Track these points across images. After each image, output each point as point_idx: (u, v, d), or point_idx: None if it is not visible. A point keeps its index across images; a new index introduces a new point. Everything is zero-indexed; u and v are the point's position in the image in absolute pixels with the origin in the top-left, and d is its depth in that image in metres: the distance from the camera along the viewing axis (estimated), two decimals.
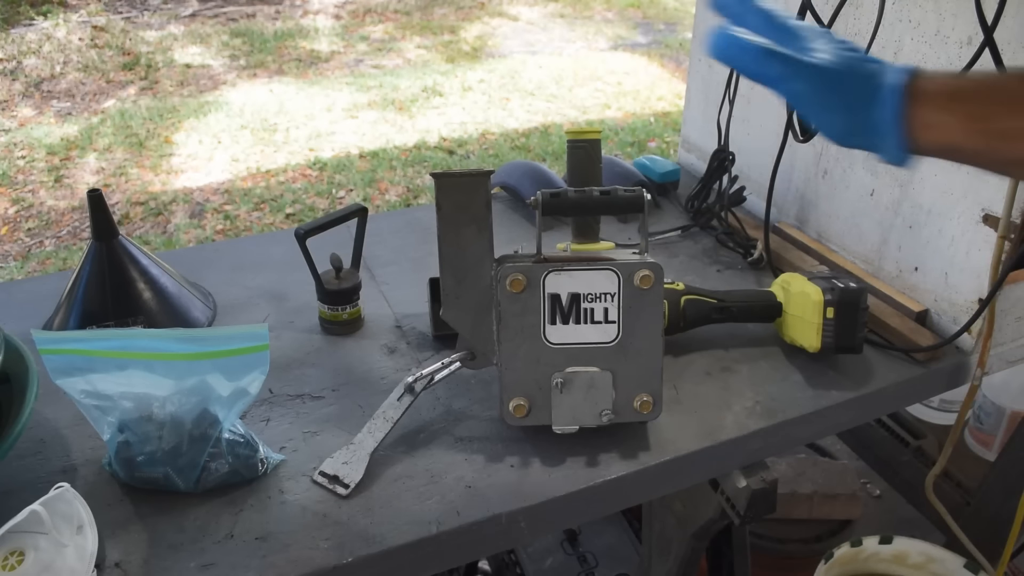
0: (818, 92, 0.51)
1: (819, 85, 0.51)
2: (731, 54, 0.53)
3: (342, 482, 0.66)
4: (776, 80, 0.52)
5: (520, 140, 3.88)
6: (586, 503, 0.68)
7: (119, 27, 5.24)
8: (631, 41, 5.44)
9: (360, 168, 3.57)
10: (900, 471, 1.32)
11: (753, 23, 0.54)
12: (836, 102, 0.51)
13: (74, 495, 0.58)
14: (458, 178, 0.70)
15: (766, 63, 0.52)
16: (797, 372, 0.83)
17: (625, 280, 0.67)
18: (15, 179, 3.47)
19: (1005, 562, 0.97)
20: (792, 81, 0.52)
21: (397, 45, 5.24)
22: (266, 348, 0.64)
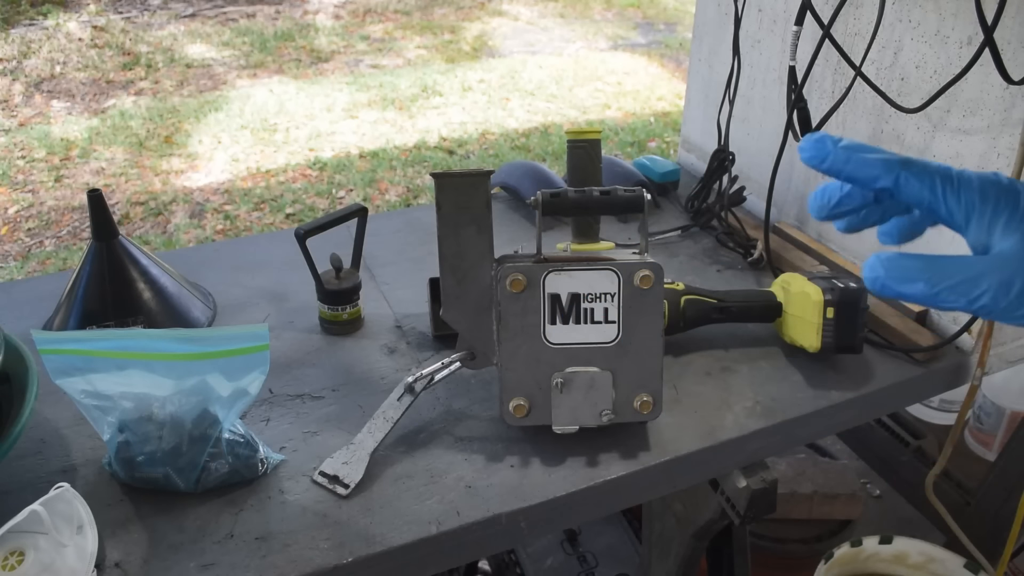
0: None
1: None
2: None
3: (342, 482, 0.66)
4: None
5: (520, 140, 3.87)
6: (586, 503, 0.68)
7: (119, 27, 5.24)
8: (631, 41, 5.44)
9: (360, 168, 3.57)
10: (900, 471, 1.32)
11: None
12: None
13: (74, 495, 0.58)
14: (458, 178, 0.70)
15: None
16: (797, 372, 0.83)
17: (625, 280, 0.67)
18: (15, 179, 3.47)
19: (1005, 562, 0.97)
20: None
21: (397, 45, 5.24)
22: (266, 348, 0.64)
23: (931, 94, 0.82)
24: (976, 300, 0.40)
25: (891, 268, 0.42)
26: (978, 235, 0.42)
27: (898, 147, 0.92)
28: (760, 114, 1.13)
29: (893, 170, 0.42)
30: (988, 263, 0.41)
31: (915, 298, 0.42)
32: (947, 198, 0.42)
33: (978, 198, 0.41)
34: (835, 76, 0.98)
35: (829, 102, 0.98)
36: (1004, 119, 0.79)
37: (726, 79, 1.09)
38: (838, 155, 0.43)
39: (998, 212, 0.41)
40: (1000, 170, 0.80)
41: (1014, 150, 0.78)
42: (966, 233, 0.43)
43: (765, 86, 1.11)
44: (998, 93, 0.79)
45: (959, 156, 0.85)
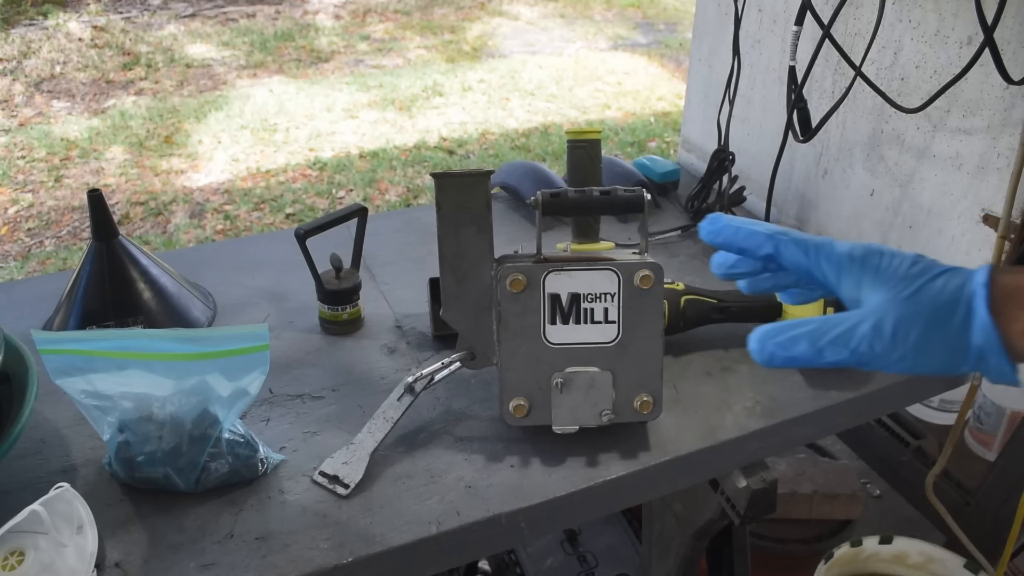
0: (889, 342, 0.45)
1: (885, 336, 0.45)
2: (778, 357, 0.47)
3: (342, 482, 0.66)
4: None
5: (520, 140, 3.88)
6: (586, 503, 0.68)
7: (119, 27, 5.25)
8: (631, 41, 5.44)
9: (360, 168, 3.57)
10: (900, 471, 1.32)
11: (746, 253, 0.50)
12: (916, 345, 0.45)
13: (74, 495, 0.58)
14: (458, 178, 0.70)
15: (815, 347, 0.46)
16: (797, 372, 0.82)
17: (625, 280, 0.67)
18: (15, 179, 3.47)
19: (1005, 562, 0.97)
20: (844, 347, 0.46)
21: (397, 45, 5.24)
22: (266, 348, 0.64)
23: (931, 94, 0.82)
24: (856, 348, 0.46)
25: (774, 339, 0.47)
26: (849, 292, 0.48)
27: (898, 147, 0.92)
28: (760, 114, 1.13)
29: (773, 239, 0.49)
30: (860, 314, 0.47)
31: (801, 359, 0.47)
32: (820, 262, 0.48)
33: (846, 261, 0.48)
34: (835, 76, 0.98)
35: (829, 102, 0.98)
36: (1004, 119, 0.79)
37: (726, 79, 1.09)
38: (729, 231, 0.50)
39: (864, 273, 0.47)
40: (1000, 170, 0.80)
41: (1014, 150, 0.78)
42: (839, 292, 0.49)
43: (765, 86, 1.11)
44: (998, 93, 0.79)
45: (959, 156, 0.85)
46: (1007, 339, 0.44)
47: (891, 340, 0.45)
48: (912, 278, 0.46)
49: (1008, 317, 0.44)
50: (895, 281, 0.46)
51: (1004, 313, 0.44)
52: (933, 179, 0.88)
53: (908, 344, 0.45)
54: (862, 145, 0.97)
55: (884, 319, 0.46)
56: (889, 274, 0.47)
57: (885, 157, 0.95)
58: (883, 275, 0.47)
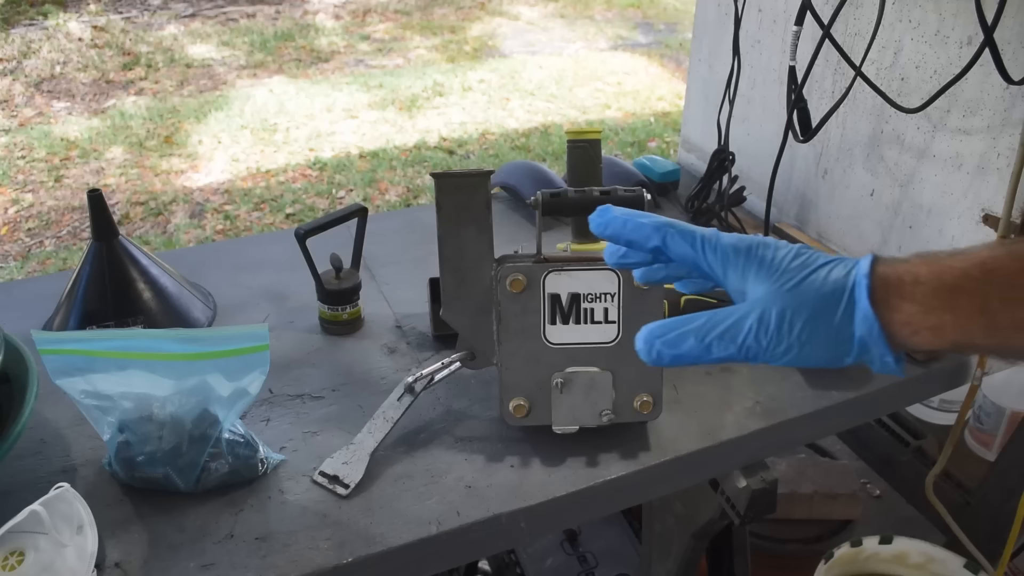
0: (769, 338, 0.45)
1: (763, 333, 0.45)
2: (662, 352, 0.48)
3: (342, 482, 0.66)
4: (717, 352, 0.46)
5: (520, 140, 3.88)
6: (586, 503, 0.68)
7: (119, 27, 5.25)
8: (631, 41, 5.44)
9: (360, 168, 3.57)
10: (900, 471, 1.32)
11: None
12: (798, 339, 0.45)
13: (74, 495, 0.58)
14: (458, 178, 0.70)
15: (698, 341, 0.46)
16: (797, 372, 0.82)
17: (625, 280, 0.67)
18: (15, 179, 3.47)
19: (1005, 562, 0.97)
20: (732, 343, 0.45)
21: (398, 45, 5.24)
22: (266, 348, 0.64)
23: (931, 94, 0.82)
24: (743, 342, 0.45)
25: (661, 336, 0.47)
26: (735, 284, 0.47)
27: (898, 147, 0.92)
28: (760, 114, 1.13)
29: (661, 231, 0.48)
30: (746, 307, 0.46)
31: (689, 356, 0.47)
32: (706, 253, 0.48)
33: (731, 253, 0.47)
34: (835, 76, 0.98)
35: (829, 102, 0.98)
36: (1004, 119, 0.79)
37: (726, 79, 1.09)
38: (617, 223, 0.50)
39: (748, 265, 0.46)
40: (1000, 170, 0.80)
41: (1014, 150, 0.78)
42: (725, 283, 0.48)
43: (765, 86, 1.11)
44: (998, 93, 0.79)
45: (959, 156, 0.85)
46: (889, 329, 0.44)
47: (776, 332, 0.45)
48: (795, 269, 0.46)
49: (890, 307, 0.43)
50: (779, 273, 0.46)
51: (886, 303, 0.43)
52: (933, 179, 0.88)
53: (792, 336, 0.45)
54: (862, 145, 0.97)
55: (768, 311, 0.45)
56: (773, 266, 0.46)
57: (885, 157, 0.95)
58: (767, 267, 0.46)
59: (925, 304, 0.43)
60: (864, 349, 0.45)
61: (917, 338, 0.44)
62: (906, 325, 0.43)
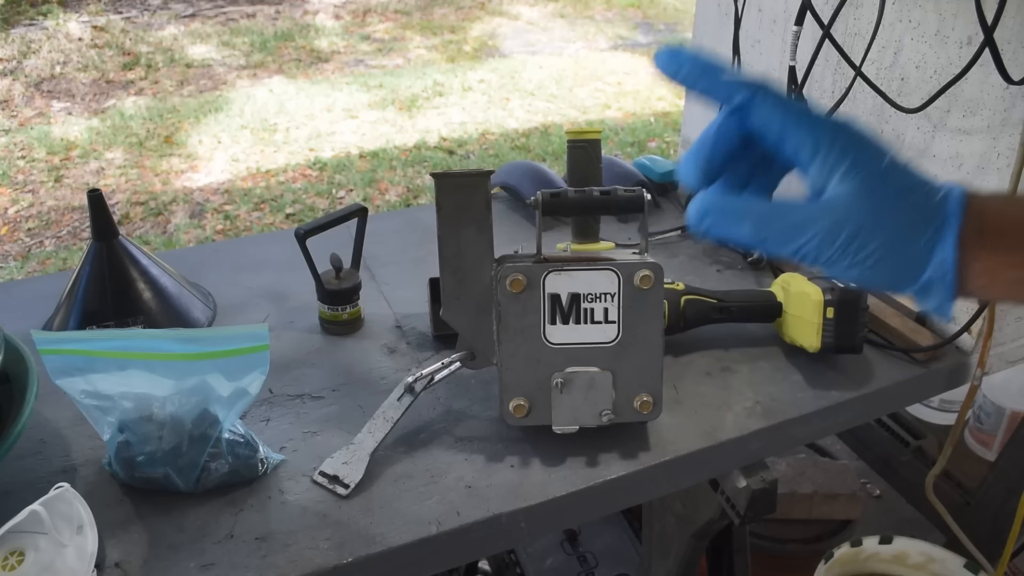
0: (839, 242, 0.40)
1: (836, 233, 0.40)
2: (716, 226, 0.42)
3: (342, 482, 0.66)
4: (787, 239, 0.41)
5: (520, 140, 3.88)
6: (586, 503, 0.68)
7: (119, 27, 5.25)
8: (631, 41, 5.44)
9: (360, 168, 3.57)
10: (900, 471, 1.32)
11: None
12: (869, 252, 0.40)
13: (74, 495, 0.58)
14: (458, 178, 0.70)
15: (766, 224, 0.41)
16: (797, 372, 0.82)
17: (625, 280, 0.67)
18: (15, 179, 3.47)
19: (1005, 562, 0.97)
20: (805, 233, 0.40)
21: (398, 45, 5.24)
22: (266, 348, 0.64)
23: (931, 94, 0.82)
24: (802, 247, 0.40)
25: (717, 208, 0.42)
26: (818, 176, 0.41)
27: (898, 147, 0.92)
28: None
29: (750, 88, 0.41)
30: (818, 209, 0.40)
31: (741, 241, 0.42)
32: (799, 126, 0.40)
33: (828, 135, 0.40)
34: (835, 76, 0.98)
35: (829, 102, 0.97)
36: (1004, 119, 0.79)
37: None
38: (693, 67, 0.42)
39: (843, 155, 0.40)
40: (1000, 170, 0.80)
41: (1014, 150, 0.78)
42: (808, 171, 0.41)
43: None
44: (998, 93, 0.79)
45: (959, 156, 0.85)
46: (962, 275, 0.40)
47: (847, 245, 0.40)
48: (888, 180, 0.40)
49: (971, 255, 0.40)
50: (873, 178, 0.40)
51: (969, 250, 0.40)
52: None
53: (863, 254, 0.40)
54: None
55: (842, 222, 0.40)
56: (869, 166, 0.40)
57: None
58: (862, 165, 0.40)
59: (1009, 260, 0.40)
60: (927, 289, 0.41)
61: (991, 289, 0.41)
62: (983, 275, 0.40)
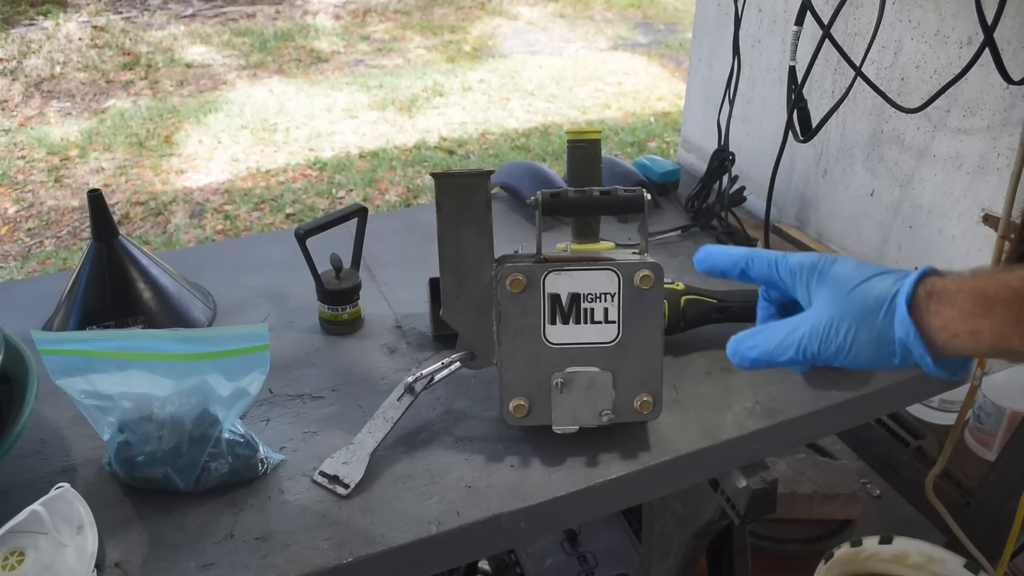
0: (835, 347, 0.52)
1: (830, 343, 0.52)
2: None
3: (342, 482, 0.66)
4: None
5: (520, 140, 3.88)
6: (586, 503, 0.68)
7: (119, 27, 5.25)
8: (631, 41, 5.44)
9: (360, 168, 3.57)
10: (900, 471, 1.32)
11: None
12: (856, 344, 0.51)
13: (74, 495, 0.58)
14: (458, 178, 0.70)
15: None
16: (797, 372, 0.82)
17: (625, 280, 0.67)
18: (15, 179, 3.47)
19: (1005, 562, 0.97)
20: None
21: (398, 45, 5.24)
22: (266, 348, 0.64)
23: (931, 94, 0.82)
24: (799, 347, 0.53)
25: (739, 344, 0.57)
26: (802, 295, 0.55)
27: (898, 147, 0.92)
28: (760, 114, 1.13)
29: (744, 260, 0.59)
30: (801, 318, 0.54)
31: (759, 361, 0.56)
32: (780, 272, 0.57)
33: (798, 269, 0.55)
34: (835, 76, 0.98)
35: (829, 102, 0.98)
36: (1004, 119, 0.79)
37: (726, 79, 1.09)
38: (714, 260, 0.61)
39: (811, 277, 0.54)
40: (1000, 170, 0.80)
41: (1014, 150, 0.78)
42: (796, 295, 0.56)
43: (765, 86, 1.11)
44: (998, 93, 0.79)
45: (959, 156, 0.85)
46: (927, 333, 0.48)
47: (825, 336, 0.51)
48: (850, 280, 0.51)
49: (929, 312, 0.48)
50: (835, 283, 0.52)
51: (926, 309, 0.48)
52: (933, 179, 0.88)
53: (840, 338, 0.51)
54: (862, 145, 0.97)
55: (820, 318, 0.52)
56: (831, 277, 0.53)
57: (885, 157, 0.95)
58: (826, 278, 0.53)
59: (963, 310, 0.47)
60: (906, 351, 0.49)
61: (956, 342, 0.47)
62: (944, 329, 0.47)
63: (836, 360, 0.52)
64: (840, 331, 0.51)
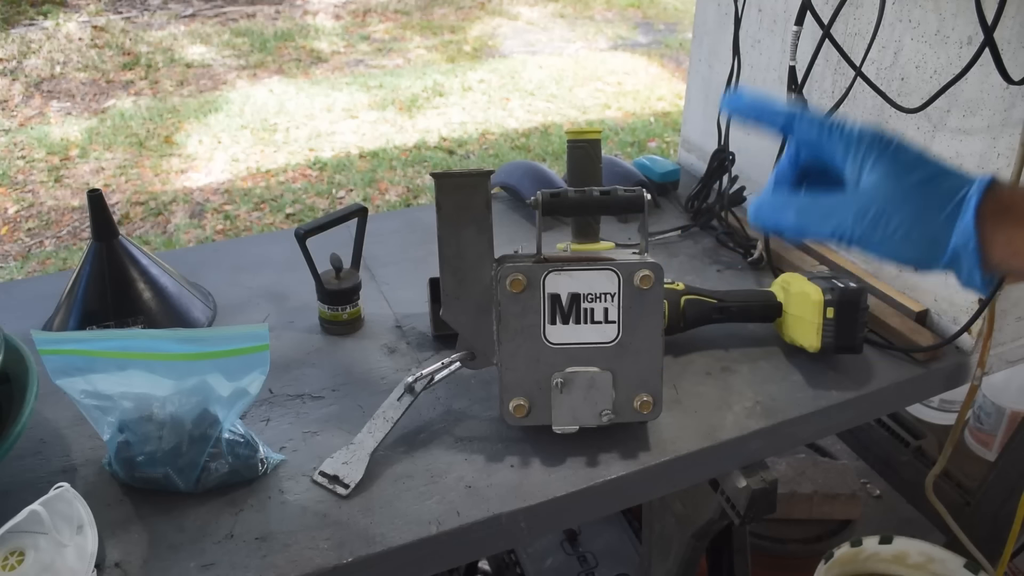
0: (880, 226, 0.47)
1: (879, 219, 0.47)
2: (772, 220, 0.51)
3: (342, 482, 0.66)
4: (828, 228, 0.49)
5: (520, 140, 3.88)
6: (586, 503, 0.68)
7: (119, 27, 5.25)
8: (631, 41, 5.44)
9: (360, 168, 3.57)
10: (900, 471, 1.32)
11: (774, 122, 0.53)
12: (902, 236, 0.46)
13: (74, 495, 0.58)
14: (458, 178, 0.70)
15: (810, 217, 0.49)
16: (797, 372, 0.83)
17: (625, 280, 0.67)
18: (15, 179, 3.47)
19: (1005, 562, 0.97)
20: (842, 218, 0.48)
21: (398, 45, 5.24)
22: (266, 348, 0.64)
23: (931, 94, 0.82)
24: (837, 227, 0.48)
25: (768, 203, 0.52)
26: (852, 170, 0.49)
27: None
28: None
29: (792, 115, 0.52)
30: (849, 196, 0.49)
31: (788, 228, 0.50)
32: (834, 138, 0.50)
33: (855, 138, 0.49)
34: (835, 76, 0.98)
35: (829, 102, 0.97)
36: (1004, 119, 0.79)
37: (726, 79, 1.09)
38: (750, 105, 0.53)
39: (869, 152, 0.48)
40: (999, 170, 0.80)
41: (1014, 150, 0.78)
42: (844, 168, 0.50)
43: (765, 86, 1.11)
44: (998, 93, 0.79)
45: (959, 156, 0.85)
46: (985, 246, 0.44)
47: (874, 224, 0.47)
48: (912, 167, 0.47)
49: (993, 226, 0.44)
50: (895, 166, 0.47)
51: (990, 221, 0.44)
52: None
53: (888, 229, 0.46)
54: None
55: (871, 203, 0.47)
56: (892, 160, 0.47)
57: None
58: (886, 158, 0.47)
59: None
60: (955, 260, 0.45)
61: (1016, 260, 0.44)
62: (1007, 245, 0.44)
63: (875, 249, 0.48)
64: (892, 222, 0.46)
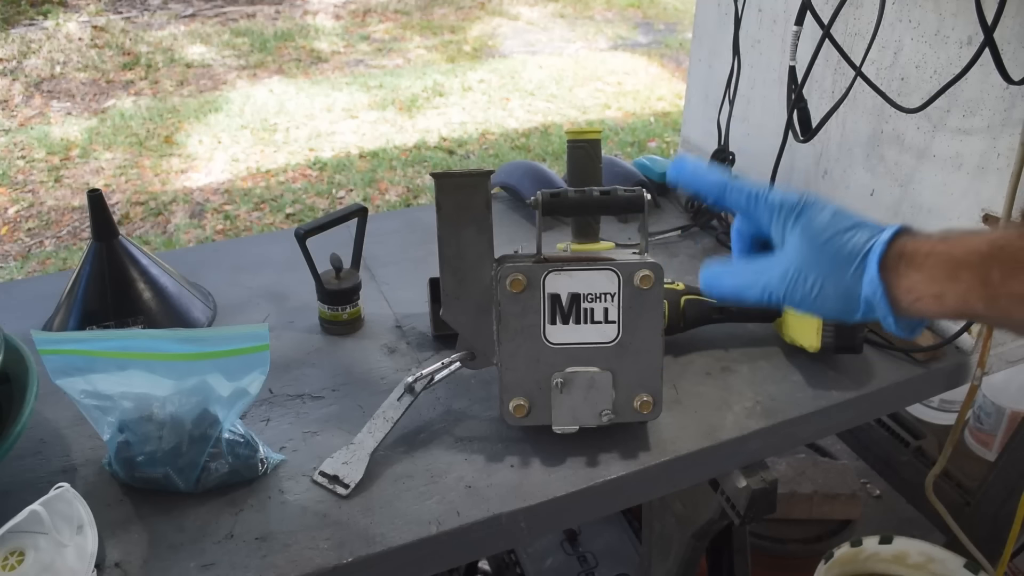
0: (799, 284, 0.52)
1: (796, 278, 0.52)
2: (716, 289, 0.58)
3: (342, 482, 0.66)
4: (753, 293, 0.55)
5: (520, 140, 3.88)
6: (586, 503, 0.68)
7: (119, 27, 5.25)
8: (631, 41, 5.44)
9: (360, 168, 3.57)
10: (900, 471, 1.32)
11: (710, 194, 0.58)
12: (821, 292, 0.52)
13: (74, 495, 0.58)
14: (458, 178, 0.70)
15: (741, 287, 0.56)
16: (797, 372, 0.83)
17: (625, 280, 0.67)
18: (15, 179, 3.47)
19: (1005, 562, 0.97)
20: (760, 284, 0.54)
21: (398, 45, 5.24)
22: (266, 348, 0.64)
23: (931, 94, 0.82)
24: (765, 288, 0.54)
25: (711, 276, 0.58)
26: (777, 234, 0.55)
27: (898, 147, 0.92)
28: (760, 114, 1.13)
29: (722, 187, 0.57)
30: (772, 259, 0.54)
31: (727, 295, 0.57)
32: (757, 207, 0.56)
33: (778, 207, 0.54)
34: (835, 76, 0.98)
35: (829, 102, 0.97)
36: (1004, 119, 0.79)
37: (726, 79, 1.09)
38: (687, 176, 0.59)
39: (788, 219, 0.54)
40: (1000, 170, 0.80)
41: (1014, 150, 0.78)
42: (770, 233, 0.56)
43: (765, 86, 1.11)
44: (998, 93, 0.79)
45: (959, 156, 0.85)
46: (893, 293, 0.48)
47: (793, 284, 0.52)
48: (825, 229, 0.51)
49: (898, 273, 0.48)
50: (810, 230, 0.52)
51: (896, 270, 0.48)
52: (933, 179, 0.88)
53: (806, 287, 0.52)
54: (862, 145, 0.97)
55: (791, 265, 0.52)
56: (807, 223, 0.52)
57: (885, 157, 0.94)
58: (802, 223, 0.52)
59: (930, 274, 0.47)
60: (870, 309, 0.50)
61: (920, 304, 0.48)
62: (909, 291, 0.48)
63: (800, 307, 0.53)
64: (808, 281, 0.51)
